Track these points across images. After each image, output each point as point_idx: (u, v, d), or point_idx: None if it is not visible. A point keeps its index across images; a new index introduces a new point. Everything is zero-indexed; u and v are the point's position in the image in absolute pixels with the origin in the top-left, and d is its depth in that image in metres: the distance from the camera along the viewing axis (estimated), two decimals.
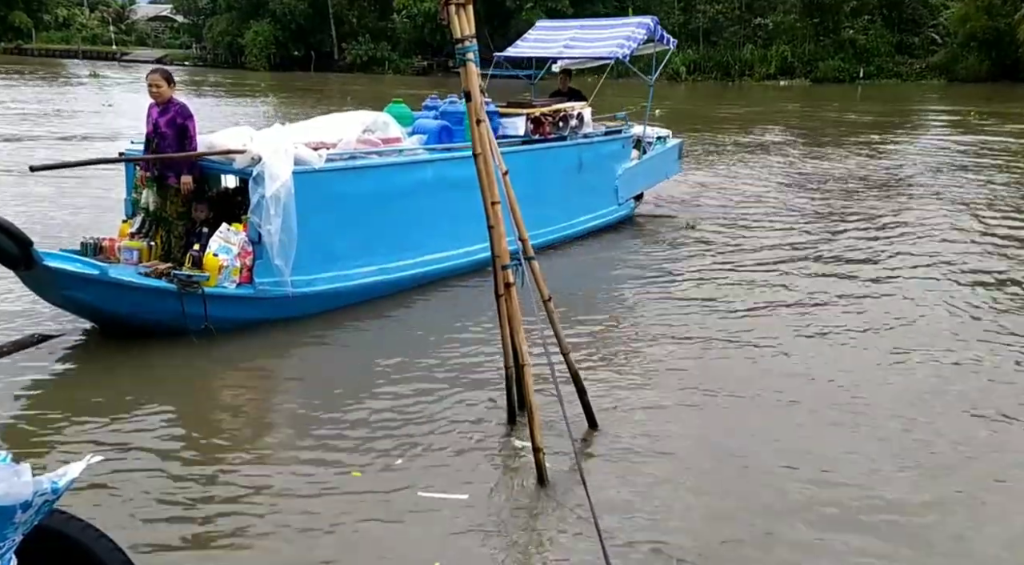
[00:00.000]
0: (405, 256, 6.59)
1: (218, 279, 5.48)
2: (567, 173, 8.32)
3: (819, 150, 16.55)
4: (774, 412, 4.63)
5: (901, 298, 6.67)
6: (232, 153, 5.69)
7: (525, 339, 4.04)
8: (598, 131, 8.92)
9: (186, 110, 5.85)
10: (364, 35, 52.05)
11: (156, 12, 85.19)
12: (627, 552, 3.30)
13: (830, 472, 3.95)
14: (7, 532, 1.75)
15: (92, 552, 2.18)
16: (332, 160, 6.04)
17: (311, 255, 5.84)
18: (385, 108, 7.41)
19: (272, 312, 5.77)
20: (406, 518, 3.58)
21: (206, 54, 58.84)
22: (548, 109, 8.10)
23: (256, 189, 5.54)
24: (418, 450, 4.17)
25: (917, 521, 3.58)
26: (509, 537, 3.49)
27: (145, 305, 5.33)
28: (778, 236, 9.03)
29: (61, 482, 1.77)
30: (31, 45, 65.02)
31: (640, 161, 9.63)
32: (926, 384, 4.98)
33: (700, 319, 6.21)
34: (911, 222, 9.64)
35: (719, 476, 3.93)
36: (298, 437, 4.31)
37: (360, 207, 6.19)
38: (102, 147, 13.91)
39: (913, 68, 40.68)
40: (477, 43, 4.07)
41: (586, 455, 4.12)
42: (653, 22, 9.56)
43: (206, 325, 5.38)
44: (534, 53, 10.08)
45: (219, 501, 3.70)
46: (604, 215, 9.13)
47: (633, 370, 5.26)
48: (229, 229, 5.65)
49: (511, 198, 4.22)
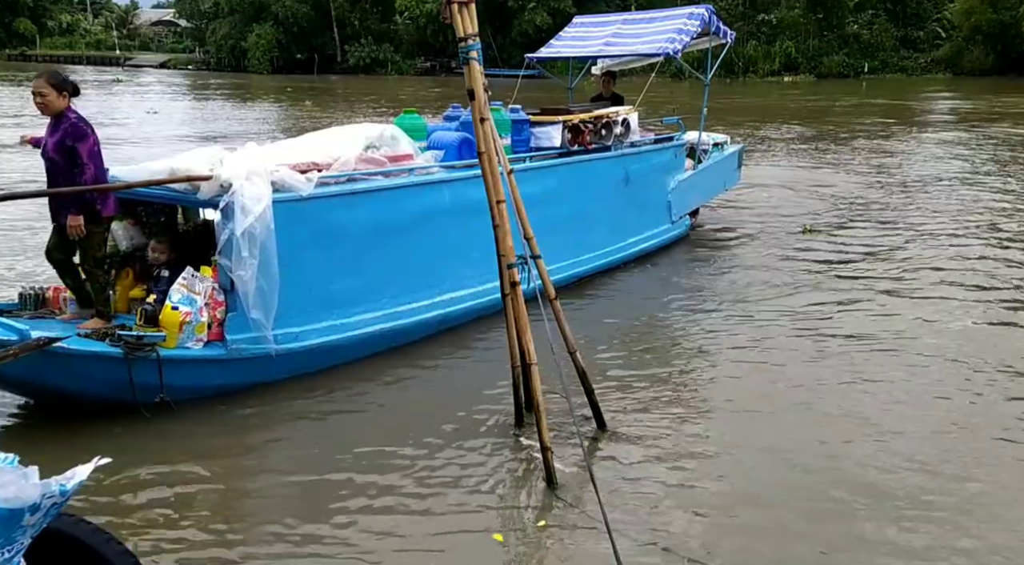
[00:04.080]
0: (419, 297, 5.44)
1: (179, 338, 4.35)
2: (612, 189, 7.18)
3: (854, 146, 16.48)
4: (790, 417, 4.56)
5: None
6: (194, 180, 4.54)
7: (532, 338, 4.03)
8: (646, 139, 7.84)
9: (79, 128, 4.44)
10: (366, 37, 52.22)
11: (159, 17, 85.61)
12: (638, 552, 3.28)
13: (841, 475, 3.91)
14: (15, 535, 1.75)
15: (101, 555, 2.18)
16: (325, 184, 4.93)
17: (300, 302, 4.76)
18: (395, 119, 6.34)
19: (250, 376, 4.67)
20: (412, 516, 3.57)
21: (209, 58, 59.11)
22: (588, 115, 6.98)
23: (225, 225, 4.42)
24: (424, 451, 4.16)
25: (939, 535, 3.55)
26: (517, 537, 3.47)
27: (81, 375, 4.17)
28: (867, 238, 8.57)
29: (69, 485, 1.76)
30: (35, 51, 65.41)
31: (695, 172, 8.48)
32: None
33: (727, 326, 6.08)
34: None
35: (729, 477, 3.90)
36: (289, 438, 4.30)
37: (362, 240, 5.09)
38: (163, 152, 13.74)
39: (918, 62, 40.59)
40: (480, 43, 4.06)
41: (595, 455, 4.10)
42: (708, 12, 8.24)
43: (162, 397, 4.31)
44: (571, 53, 8.91)
45: (228, 505, 3.70)
46: (655, 236, 7.95)
47: (642, 370, 5.23)
48: (194, 275, 4.48)
49: (516, 197, 4.19)
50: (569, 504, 3.65)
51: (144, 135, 18.24)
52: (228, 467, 4.03)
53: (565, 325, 4.29)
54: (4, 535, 1.72)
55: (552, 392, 4.08)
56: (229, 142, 16.57)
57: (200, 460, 4.04)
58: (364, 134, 5.49)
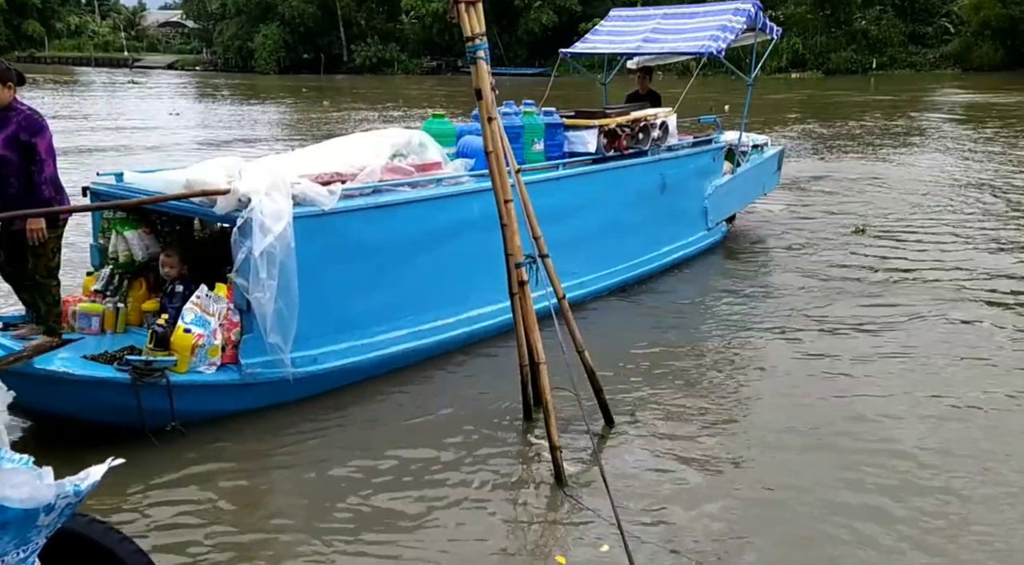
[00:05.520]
0: (444, 314, 5.17)
1: (191, 362, 4.09)
2: (647, 196, 6.84)
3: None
4: (808, 424, 4.48)
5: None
6: (211, 194, 4.27)
7: (540, 337, 4.04)
8: (684, 142, 7.43)
9: (35, 121, 4.05)
10: (373, 37, 52.29)
11: (167, 18, 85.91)
12: (647, 551, 3.28)
13: (857, 481, 3.89)
14: (30, 535, 1.76)
15: (114, 555, 2.19)
16: (349, 196, 4.65)
17: (320, 323, 4.50)
18: (423, 124, 5.95)
19: (265, 400, 4.45)
20: (418, 515, 3.58)
21: (216, 59, 59.30)
22: (626, 118, 6.59)
23: (242, 243, 4.14)
24: (432, 449, 4.16)
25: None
26: (527, 537, 3.48)
27: (86, 401, 3.97)
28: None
29: (83, 485, 1.77)
30: (44, 53, 65.77)
31: (734, 176, 8.07)
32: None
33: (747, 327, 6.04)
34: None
35: (742, 479, 3.89)
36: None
37: (386, 256, 4.80)
38: (192, 156, 13.65)
39: (927, 58, 40.31)
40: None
41: (604, 454, 4.10)
42: (754, 7, 7.79)
43: (173, 425, 4.08)
44: (607, 49, 8.40)
45: (242, 505, 3.72)
46: (690, 244, 7.56)
47: (654, 370, 5.22)
48: (208, 294, 4.23)
49: (524, 196, 4.19)
50: (579, 503, 3.65)
51: (172, 137, 18.21)
52: (241, 467, 4.04)
53: (574, 324, 4.29)
54: (19, 535, 1.73)
55: (561, 389, 4.08)
56: (256, 143, 16.70)
57: (212, 463, 4.04)
58: (391, 141, 5.19)
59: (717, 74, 25.20)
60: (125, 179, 4.78)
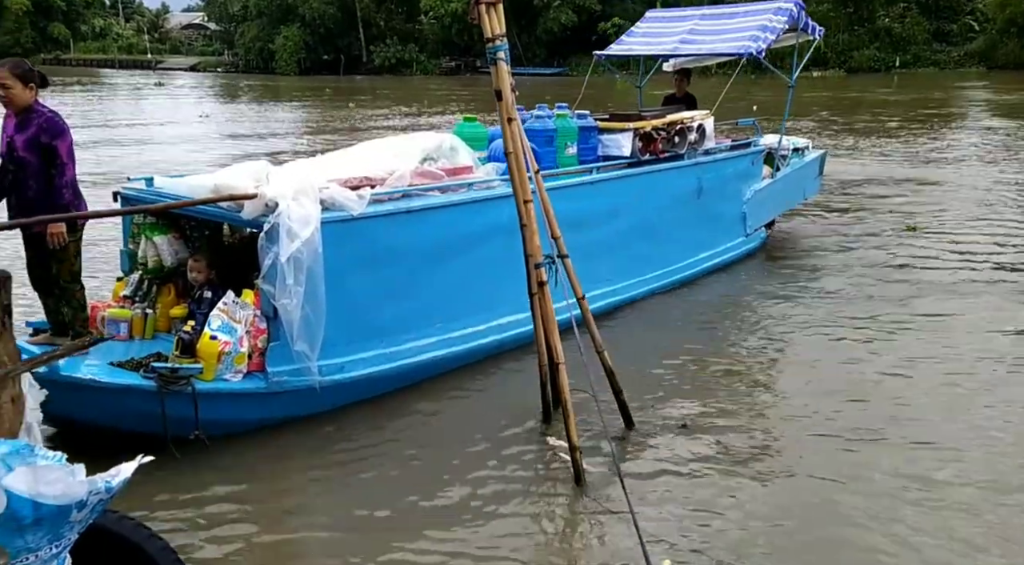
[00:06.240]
0: (475, 321, 5.05)
1: (217, 370, 4.02)
2: (683, 201, 6.68)
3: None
4: (834, 427, 4.44)
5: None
6: (238, 199, 4.18)
7: (560, 338, 4.04)
8: (721, 145, 7.23)
9: (56, 123, 4.05)
10: (392, 37, 52.57)
11: (189, 20, 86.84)
12: (666, 553, 3.27)
13: (884, 490, 3.85)
14: (63, 531, 1.80)
15: (143, 550, 2.23)
16: (379, 201, 4.56)
17: (347, 329, 4.40)
18: (454, 127, 5.81)
19: (292, 409, 4.37)
20: (436, 515, 3.60)
21: (237, 60, 59.88)
22: (662, 121, 6.42)
23: (269, 249, 4.06)
24: (450, 451, 4.18)
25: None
26: (546, 537, 3.49)
27: (111, 408, 3.91)
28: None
29: (115, 482, 1.81)
30: (69, 55, 66.79)
31: (773, 181, 7.84)
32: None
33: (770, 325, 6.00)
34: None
35: (760, 482, 3.86)
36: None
37: (416, 262, 4.70)
38: (225, 158, 13.62)
39: (951, 56, 39.80)
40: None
41: (623, 454, 4.10)
42: (797, 7, 7.54)
43: (197, 434, 3.96)
44: (644, 50, 8.20)
45: (269, 508, 3.77)
46: (727, 251, 7.38)
47: (678, 374, 5.20)
48: (235, 301, 4.15)
49: (543, 196, 4.20)
50: (598, 503, 3.66)
51: (203, 140, 18.33)
52: (266, 469, 4.07)
53: (593, 325, 4.30)
54: (53, 531, 1.77)
55: (580, 391, 4.08)
56: (286, 144, 16.77)
57: (238, 464, 4.07)
58: (421, 145, 5.09)
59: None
60: (155, 184, 4.77)
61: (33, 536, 1.73)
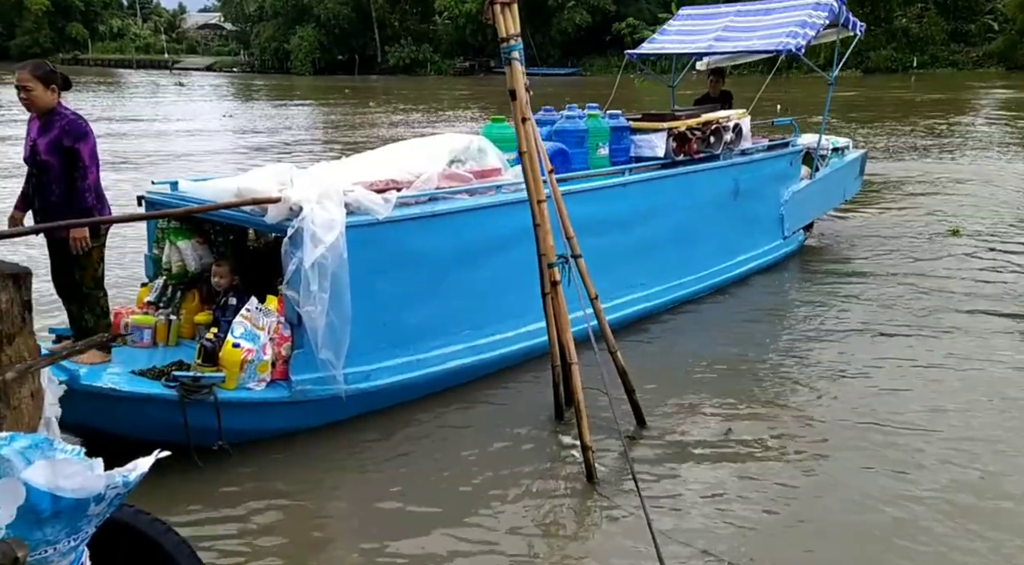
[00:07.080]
0: (503, 328, 4.90)
1: (239, 378, 3.92)
2: (719, 203, 6.47)
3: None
4: (850, 433, 4.39)
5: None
6: (261, 203, 4.08)
7: (572, 337, 4.04)
8: (758, 145, 7.02)
9: (79, 125, 3.97)
10: (406, 38, 52.77)
11: (205, 20, 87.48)
12: (678, 552, 3.27)
13: (902, 493, 3.83)
14: (81, 525, 1.82)
15: (159, 545, 2.25)
16: (405, 204, 4.43)
17: (373, 337, 4.29)
18: (483, 128, 5.62)
19: (316, 418, 4.28)
20: (449, 514, 3.62)
21: (253, 60, 60.28)
22: (696, 121, 6.23)
23: (293, 254, 3.97)
24: (464, 449, 4.19)
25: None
26: (558, 537, 3.49)
27: (132, 418, 3.81)
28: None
29: (132, 476, 1.82)
30: (87, 55, 67.46)
31: (812, 181, 7.63)
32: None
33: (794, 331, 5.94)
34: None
35: (774, 484, 3.83)
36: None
37: (443, 267, 4.57)
38: (252, 160, 13.61)
39: (969, 56, 39.41)
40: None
41: (635, 454, 4.09)
42: (837, 2, 7.25)
43: (220, 445, 3.87)
44: (677, 49, 7.94)
45: (277, 501, 3.80)
46: (765, 253, 7.17)
47: (686, 372, 5.19)
48: (259, 307, 4.04)
49: (557, 195, 4.20)
50: (610, 503, 3.66)
51: (228, 141, 18.39)
52: (285, 471, 4.08)
53: (606, 325, 4.29)
54: (70, 524, 1.79)
55: (593, 389, 4.08)
56: (312, 146, 16.78)
57: (259, 466, 4.07)
58: (449, 147, 4.93)
59: (754, 72, 24.89)
60: (180, 188, 4.71)
61: (52, 529, 1.74)
